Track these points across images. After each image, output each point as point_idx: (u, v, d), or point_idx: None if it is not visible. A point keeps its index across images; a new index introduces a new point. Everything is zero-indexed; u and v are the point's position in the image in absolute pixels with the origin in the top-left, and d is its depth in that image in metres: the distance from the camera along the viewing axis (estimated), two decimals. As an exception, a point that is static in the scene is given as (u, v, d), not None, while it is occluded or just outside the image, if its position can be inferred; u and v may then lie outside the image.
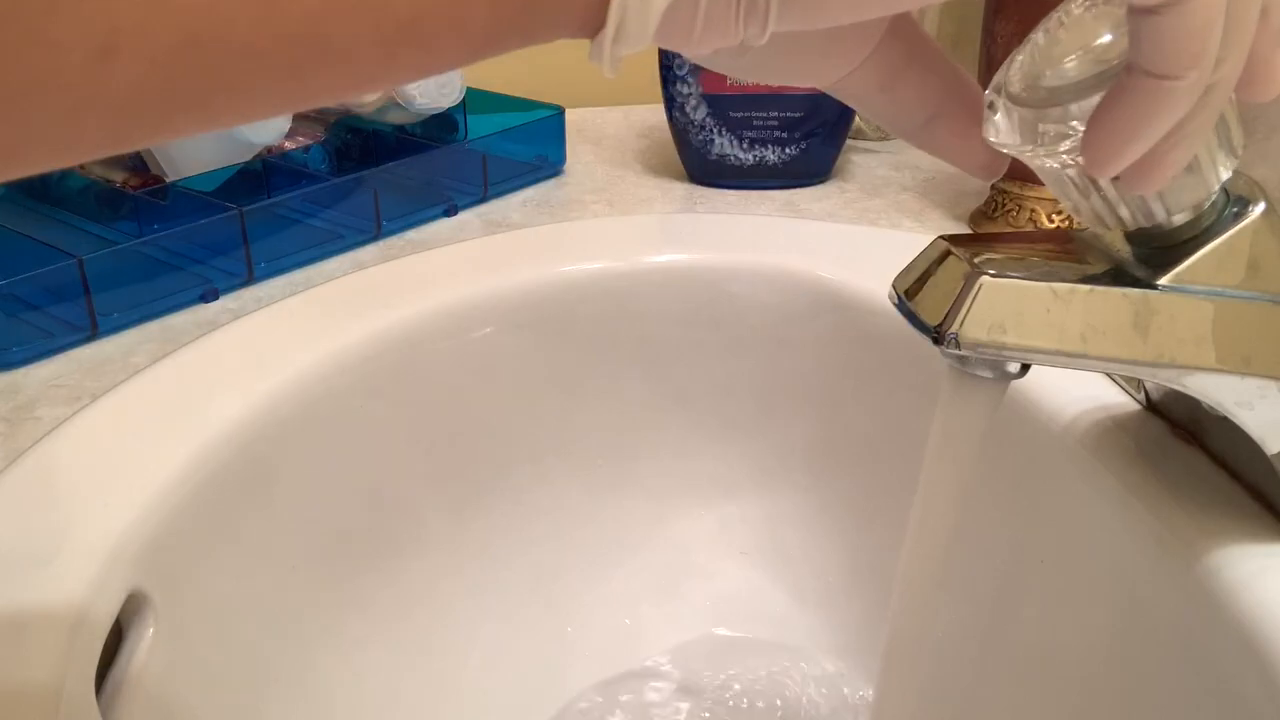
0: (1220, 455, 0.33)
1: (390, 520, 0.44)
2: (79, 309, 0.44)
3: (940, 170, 0.66)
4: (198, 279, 0.48)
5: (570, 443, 0.50)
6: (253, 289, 0.49)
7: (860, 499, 0.49)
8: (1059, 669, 0.37)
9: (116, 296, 0.45)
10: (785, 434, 0.50)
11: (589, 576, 0.50)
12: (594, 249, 0.49)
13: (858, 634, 0.48)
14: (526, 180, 0.62)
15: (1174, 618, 0.31)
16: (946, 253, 0.27)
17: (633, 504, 0.51)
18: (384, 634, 0.44)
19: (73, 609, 0.28)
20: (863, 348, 0.46)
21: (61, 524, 0.31)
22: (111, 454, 0.34)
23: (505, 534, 0.49)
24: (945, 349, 0.27)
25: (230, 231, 0.48)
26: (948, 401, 0.29)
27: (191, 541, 0.34)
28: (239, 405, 0.37)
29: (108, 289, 0.44)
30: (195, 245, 0.48)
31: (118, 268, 0.45)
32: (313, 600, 0.40)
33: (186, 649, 0.33)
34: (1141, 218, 0.26)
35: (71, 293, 0.44)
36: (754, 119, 0.61)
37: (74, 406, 0.38)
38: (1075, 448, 0.35)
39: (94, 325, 0.44)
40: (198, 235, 0.48)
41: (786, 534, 0.51)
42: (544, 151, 0.64)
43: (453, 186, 0.59)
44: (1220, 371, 0.27)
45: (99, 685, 0.29)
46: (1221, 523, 0.30)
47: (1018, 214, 0.55)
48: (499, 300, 0.46)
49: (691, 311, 0.49)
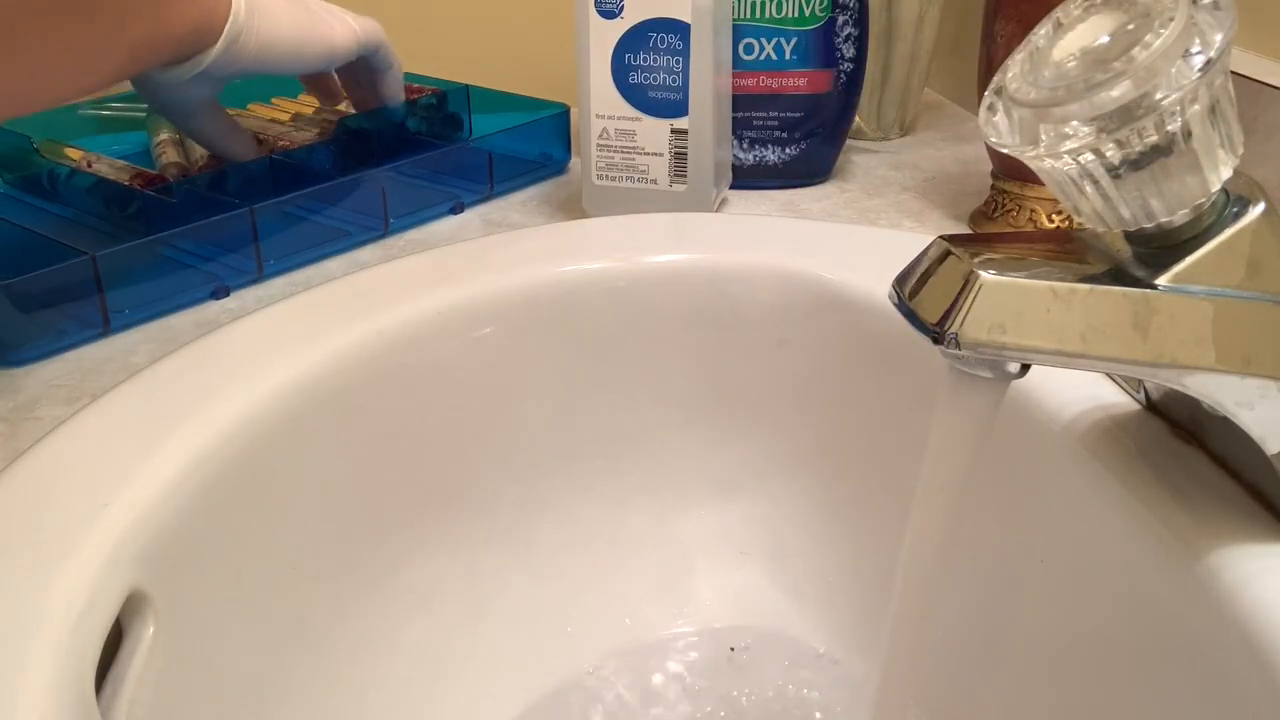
0: (1220, 455, 0.33)
1: (389, 520, 0.44)
2: (92, 307, 0.44)
3: (940, 170, 0.66)
4: (208, 276, 0.48)
5: (570, 443, 0.50)
6: (263, 285, 0.49)
7: (860, 499, 0.49)
8: (1058, 669, 0.37)
9: (128, 294, 0.45)
10: (785, 434, 0.50)
11: (589, 576, 0.50)
12: (594, 249, 0.49)
13: (858, 634, 0.48)
14: (531, 178, 0.63)
15: (1174, 618, 0.31)
16: (946, 253, 0.27)
17: (633, 504, 0.51)
18: (384, 633, 0.44)
19: (73, 609, 0.28)
20: (863, 348, 0.46)
21: (61, 524, 0.31)
22: (111, 454, 0.34)
23: (505, 533, 0.49)
24: (945, 349, 0.27)
25: (240, 229, 0.49)
26: (948, 401, 0.29)
27: (192, 541, 0.34)
28: (239, 405, 0.37)
29: (120, 286, 0.45)
30: (205, 243, 0.49)
31: (130, 265, 0.46)
32: (313, 600, 0.41)
33: (186, 649, 0.33)
34: (1141, 218, 0.26)
35: (84, 290, 0.44)
36: (754, 119, 0.61)
37: (74, 406, 0.38)
38: (1075, 448, 0.35)
39: (106, 322, 0.44)
40: (208, 233, 0.48)
41: (786, 534, 0.51)
42: (549, 150, 0.64)
43: (458, 184, 0.59)
44: (1220, 371, 0.27)
45: (99, 685, 0.29)
46: (1221, 523, 0.30)
47: (1018, 214, 0.55)
48: (499, 300, 0.46)
49: (691, 311, 0.49)
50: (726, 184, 0.59)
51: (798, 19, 0.59)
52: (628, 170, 0.55)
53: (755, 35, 0.59)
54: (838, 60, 0.61)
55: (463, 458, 0.47)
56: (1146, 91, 0.24)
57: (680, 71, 0.53)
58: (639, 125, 0.55)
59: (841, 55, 0.61)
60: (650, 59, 0.53)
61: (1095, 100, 0.25)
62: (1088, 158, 0.25)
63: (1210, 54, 0.24)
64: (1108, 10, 0.26)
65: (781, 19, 0.59)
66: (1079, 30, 0.26)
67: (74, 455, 0.34)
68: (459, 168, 0.60)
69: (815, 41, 0.59)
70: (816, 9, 0.59)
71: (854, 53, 0.61)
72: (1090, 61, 0.25)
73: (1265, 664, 0.26)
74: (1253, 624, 0.27)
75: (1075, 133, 0.25)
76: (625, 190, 0.56)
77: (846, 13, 0.59)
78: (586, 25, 0.54)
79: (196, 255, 0.49)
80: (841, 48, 0.60)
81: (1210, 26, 0.24)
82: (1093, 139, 0.25)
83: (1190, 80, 0.24)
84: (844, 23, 0.60)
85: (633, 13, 0.53)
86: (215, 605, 0.35)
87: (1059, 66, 0.26)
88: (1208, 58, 0.24)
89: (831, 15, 0.59)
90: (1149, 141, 0.25)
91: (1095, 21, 0.26)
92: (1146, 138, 0.25)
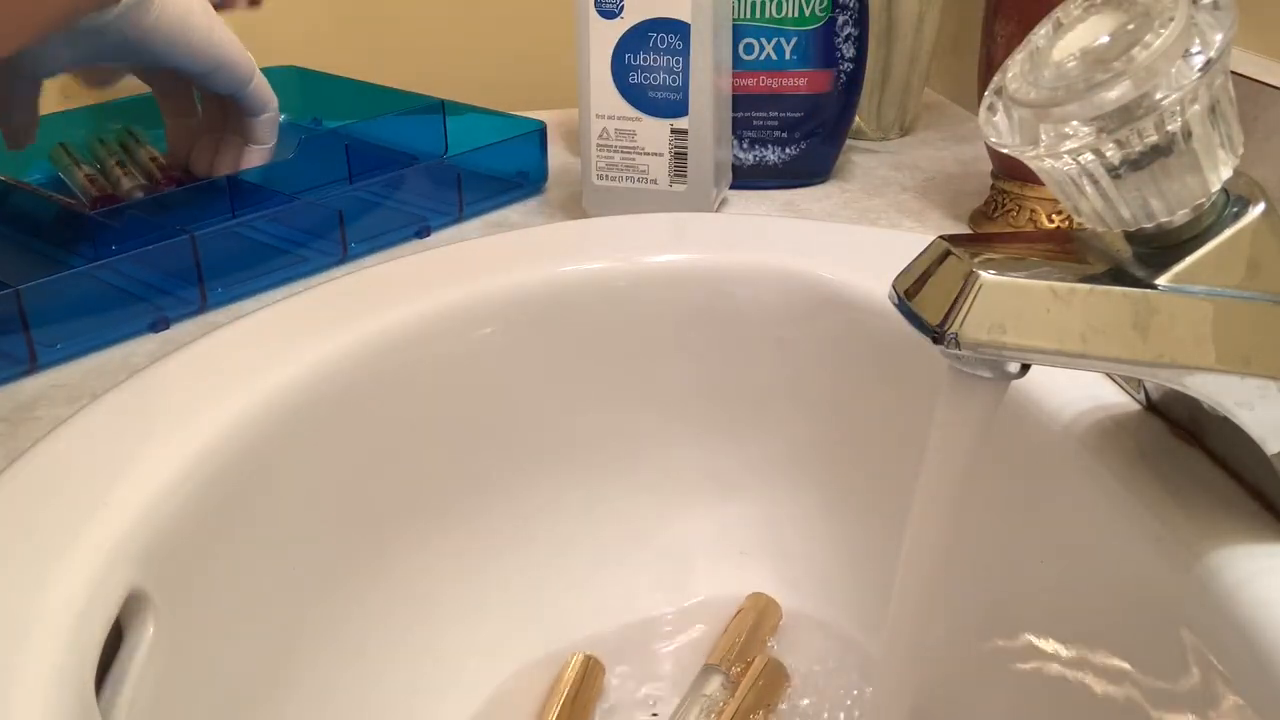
0: (1220, 455, 0.33)
1: (390, 519, 0.44)
2: (17, 341, 0.42)
3: (940, 170, 0.66)
4: (148, 307, 0.46)
5: (570, 443, 0.50)
6: (207, 316, 0.47)
7: (860, 499, 0.49)
8: (1058, 668, 0.37)
9: (60, 328, 0.43)
10: (785, 434, 0.50)
11: (589, 576, 0.50)
12: (594, 249, 0.49)
13: (857, 634, 0.48)
14: (506, 199, 0.60)
15: (1174, 618, 0.31)
16: (946, 253, 0.27)
17: (632, 504, 0.51)
18: (384, 633, 0.44)
19: (73, 609, 0.28)
20: (863, 348, 0.46)
21: (61, 524, 0.31)
22: (111, 454, 0.34)
23: (505, 533, 0.49)
24: (945, 349, 0.27)
25: (182, 257, 0.46)
26: (948, 401, 0.29)
27: (192, 541, 0.34)
28: (240, 404, 0.37)
29: (49, 321, 0.42)
30: (145, 271, 0.46)
31: (60, 296, 0.43)
32: (313, 600, 0.41)
33: (186, 649, 0.33)
34: (1142, 218, 0.26)
35: (8, 325, 0.41)
36: (754, 119, 0.61)
37: (74, 406, 0.38)
38: (1075, 448, 0.35)
39: (33, 358, 0.42)
40: (147, 260, 0.46)
41: (786, 534, 0.51)
42: (525, 168, 0.61)
43: (425, 206, 0.56)
44: (1220, 371, 0.27)
45: (99, 685, 0.29)
46: (1221, 523, 0.30)
47: (1018, 214, 0.55)
48: (499, 300, 0.46)
49: (691, 311, 0.49)
50: (726, 184, 0.59)
51: (798, 19, 0.59)
52: (628, 170, 0.56)
53: (755, 35, 0.59)
54: (838, 60, 0.61)
55: (462, 457, 0.47)
56: (1146, 91, 0.24)
57: (680, 71, 0.53)
58: (639, 125, 0.55)
59: (841, 55, 0.61)
60: (650, 59, 0.53)
61: (1095, 100, 0.25)
62: (1088, 158, 0.25)
63: (1210, 54, 0.24)
64: (1108, 10, 0.26)
65: (781, 19, 0.59)
66: (1079, 30, 0.26)
67: (74, 455, 0.34)
68: (427, 188, 0.56)
69: (815, 41, 0.59)
70: (816, 9, 0.59)
71: (854, 53, 0.61)
72: (1090, 61, 0.25)
73: (1265, 664, 0.26)
74: (1253, 624, 0.27)
75: (1075, 133, 0.25)
76: (625, 190, 0.56)
77: (846, 13, 0.60)
78: (586, 25, 0.54)
79: (139, 282, 0.46)
80: (841, 48, 0.60)
81: (1210, 26, 0.24)
82: (1093, 139, 0.25)
83: (1190, 80, 0.24)
84: (844, 23, 0.60)
85: (633, 13, 0.53)
86: (215, 605, 0.35)
87: (1059, 66, 0.26)
88: (1208, 58, 0.24)
89: (831, 15, 0.59)
90: (1149, 141, 0.25)
91: (1095, 21, 0.26)
92: (1146, 138, 0.25)
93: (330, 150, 0.57)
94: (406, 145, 0.59)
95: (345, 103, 0.67)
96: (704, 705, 0.44)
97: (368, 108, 0.63)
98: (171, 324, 0.47)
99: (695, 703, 0.45)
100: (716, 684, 0.45)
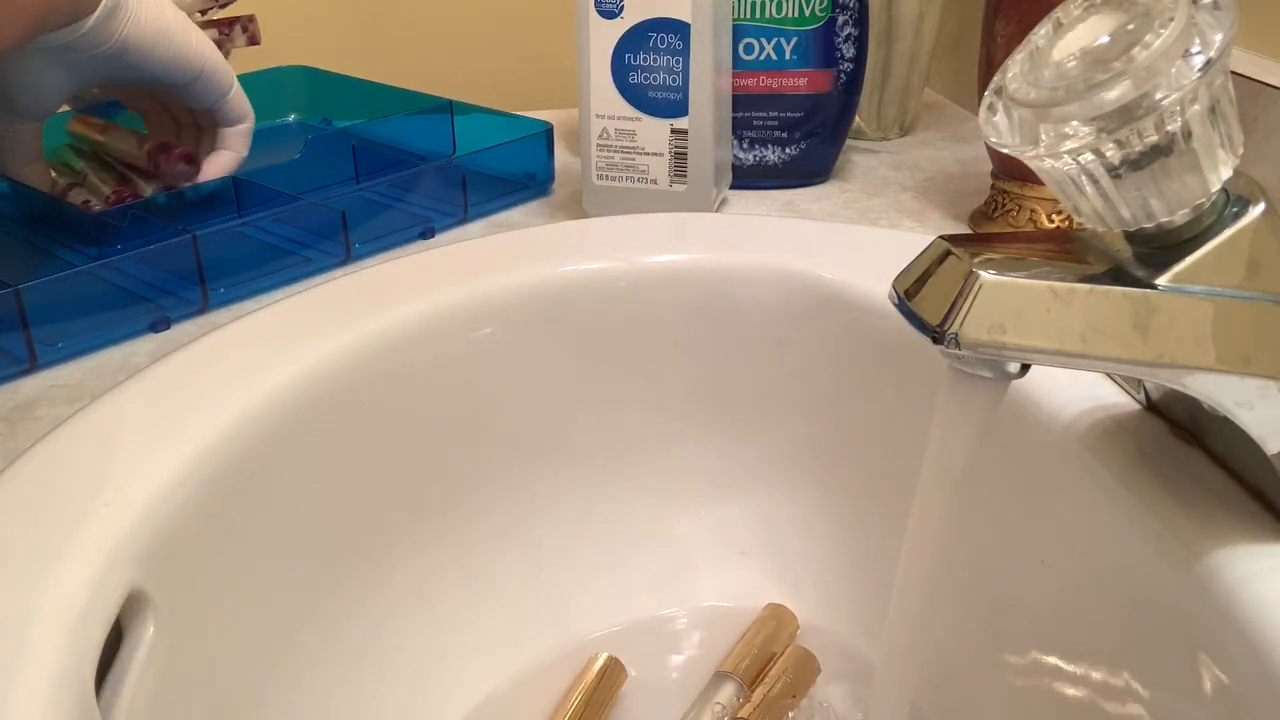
0: (1220, 455, 0.33)
1: (390, 519, 0.44)
2: (17, 340, 0.42)
3: (940, 170, 0.66)
4: (150, 307, 0.46)
5: (570, 443, 0.50)
6: (208, 316, 0.47)
7: (860, 499, 0.49)
8: (1058, 668, 0.37)
9: (60, 328, 0.43)
10: (785, 434, 0.50)
11: (589, 576, 0.50)
12: (594, 249, 0.49)
13: (857, 634, 0.48)
14: (512, 200, 0.60)
15: (1174, 618, 0.31)
16: (946, 253, 0.27)
17: (632, 504, 0.51)
18: (384, 633, 0.44)
19: (73, 609, 0.28)
20: (862, 348, 0.46)
21: (61, 524, 0.31)
22: (111, 454, 0.34)
23: (505, 533, 0.49)
24: (945, 349, 0.27)
25: (184, 257, 0.46)
26: (947, 401, 0.29)
27: (192, 541, 0.34)
28: (240, 404, 0.37)
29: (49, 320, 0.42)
30: (147, 271, 0.46)
31: (60, 296, 0.43)
32: (313, 599, 0.41)
33: (186, 649, 0.33)
34: (1142, 217, 0.26)
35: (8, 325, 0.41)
36: (754, 119, 0.61)
37: (74, 406, 0.38)
38: (1075, 448, 0.35)
39: (33, 357, 0.42)
40: (149, 260, 0.46)
41: (786, 534, 0.51)
42: (531, 169, 0.61)
43: (430, 207, 0.56)
44: (1220, 371, 0.27)
45: (99, 685, 0.29)
46: (1221, 523, 0.30)
47: (1018, 214, 0.55)
48: (499, 300, 0.46)
49: (691, 311, 0.49)
50: (726, 184, 0.59)
51: (798, 19, 0.59)
52: (628, 170, 0.55)
53: (755, 35, 0.59)
54: (838, 60, 0.61)
55: (463, 457, 0.47)
56: (1146, 91, 0.24)
57: (680, 71, 0.53)
58: (639, 125, 0.55)
59: (841, 55, 0.61)
60: (650, 59, 0.53)
61: (1095, 100, 0.25)
62: (1088, 158, 0.25)
63: (1210, 54, 0.24)
64: (1108, 10, 0.26)
65: (781, 19, 0.59)
66: (1079, 30, 0.26)
67: (74, 455, 0.34)
68: (433, 189, 0.56)
69: (815, 41, 0.59)
70: (816, 9, 0.59)
71: (854, 53, 0.61)
72: (1090, 61, 0.25)
73: (1265, 664, 0.26)
74: (1253, 624, 0.27)
75: (1075, 133, 0.25)
76: (625, 190, 0.56)
77: (846, 13, 0.60)
78: (586, 25, 0.54)
79: (141, 282, 0.46)
80: (841, 48, 0.60)
81: (1210, 26, 0.24)
82: (1093, 139, 0.25)
83: (1190, 80, 0.24)
84: (844, 23, 0.60)
85: (633, 12, 0.53)
86: (215, 605, 0.35)
87: (1059, 66, 0.26)
88: (1208, 58, 0.24)
89: (831, 15, 0.59)
90: (1149, 141, 0.25)
91: (1095, 21, 0.26)
92: (1146, 138, 0.25)
93: (337, 150, 0.57)
94: (414, 145, 0.59)
95: (355, 103, 0.67)
96: (715, 713, 0.44)
97: (377, 108, 0.63)
98: (173, 324, 0.47)
99: (706, 709, 0.45)
100: (729, 692, 0.45)
